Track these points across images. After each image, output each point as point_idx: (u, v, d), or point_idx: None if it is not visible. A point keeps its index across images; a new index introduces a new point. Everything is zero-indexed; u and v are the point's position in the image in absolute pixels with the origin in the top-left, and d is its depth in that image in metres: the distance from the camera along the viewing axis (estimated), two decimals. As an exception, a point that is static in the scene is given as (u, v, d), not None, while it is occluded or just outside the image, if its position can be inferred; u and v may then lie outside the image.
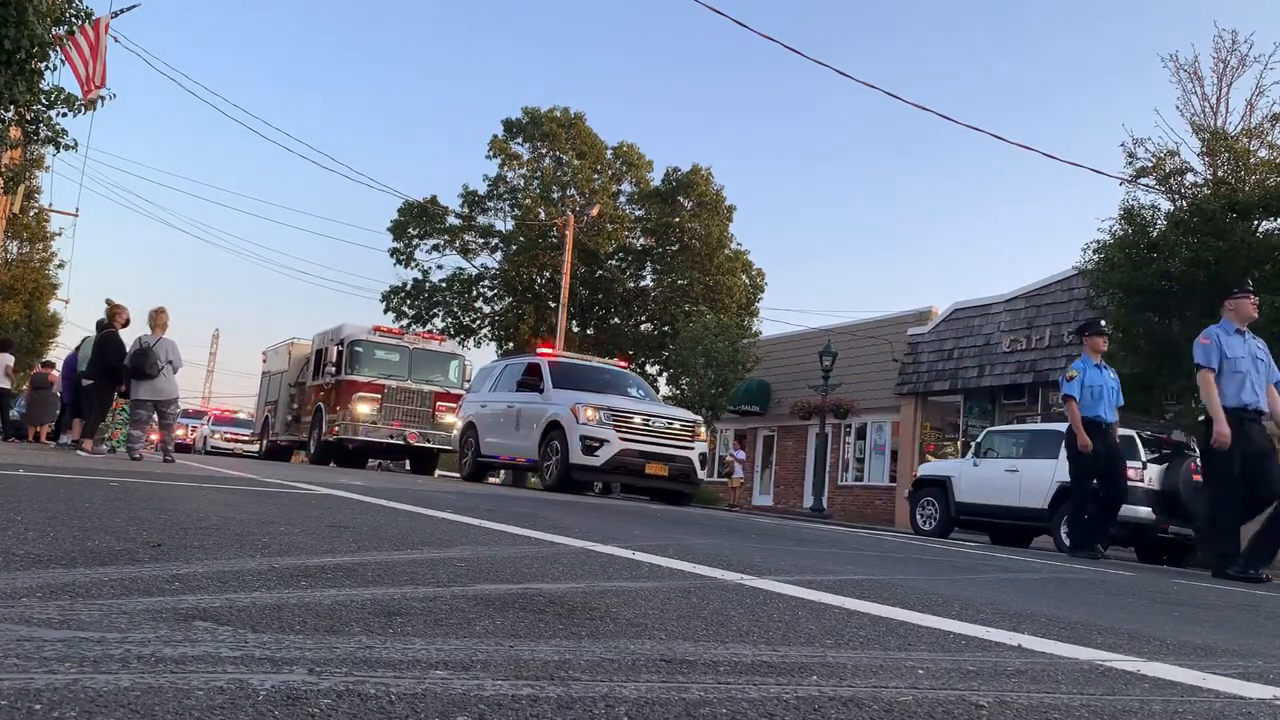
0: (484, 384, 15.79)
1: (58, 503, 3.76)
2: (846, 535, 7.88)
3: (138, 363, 10.17)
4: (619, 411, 12.64)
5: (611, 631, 1.92)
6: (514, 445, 13.82)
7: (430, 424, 19.07)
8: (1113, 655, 2.27)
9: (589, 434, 12.27)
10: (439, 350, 20.34)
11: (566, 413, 12.57)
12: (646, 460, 12.53)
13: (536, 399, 13.48)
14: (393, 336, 19.97)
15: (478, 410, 15.25)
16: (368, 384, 18.66)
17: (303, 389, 21.77)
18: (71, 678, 1.21)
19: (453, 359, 20.41)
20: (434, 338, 21.10)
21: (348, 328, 19.83)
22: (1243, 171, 15.20)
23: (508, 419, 14.10)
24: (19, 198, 25.71)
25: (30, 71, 9.53)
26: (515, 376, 14.49)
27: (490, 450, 14.50)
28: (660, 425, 12.85)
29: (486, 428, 14.67)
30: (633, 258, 37.97)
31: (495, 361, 16.98)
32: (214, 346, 75.37)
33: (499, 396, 14.72)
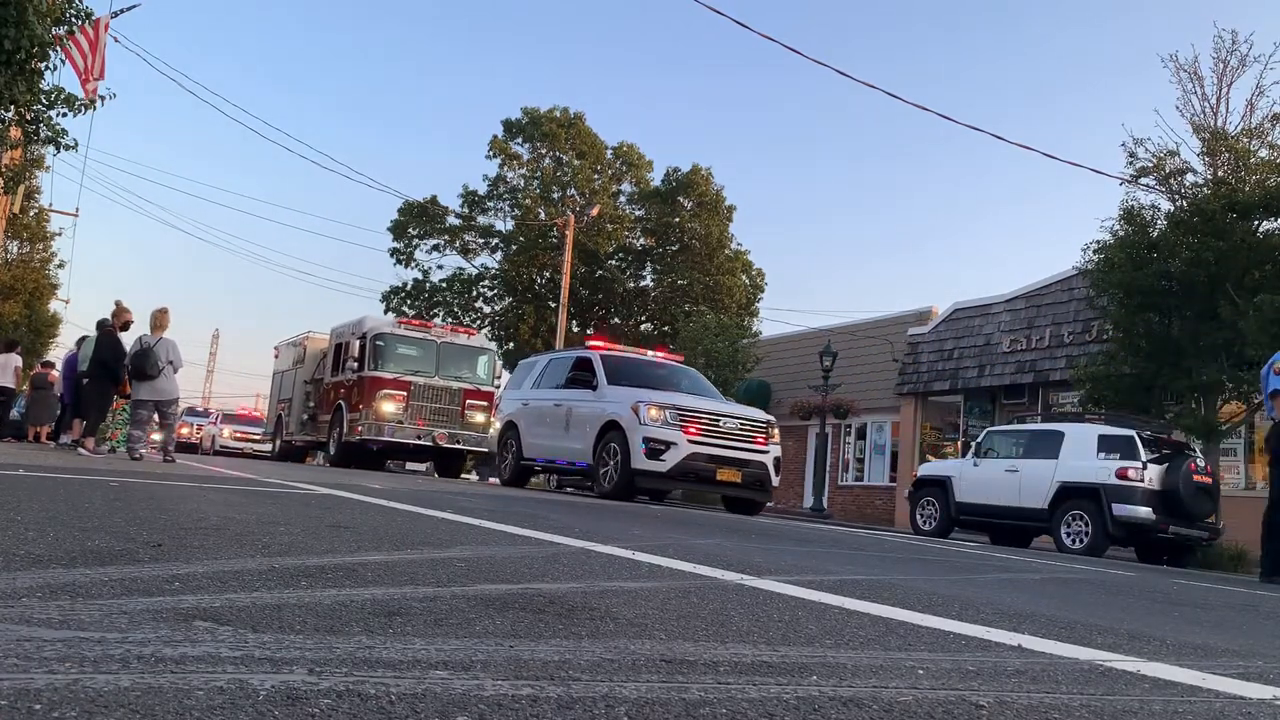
0: (525, 379, 14.44)
1: (58, 503, 3.76)
2: (846, 535, 7.88)
3: (138, 363, 10.16)
4: (686, 410, 11.39)
5: (611, 631, 1.92)
6: (563, 447, 12.57)
7: (459, 423, 17.76)
8: (1113, 655, 2.27)
9: (653, 435, 11.02)
10: (468, 344, 18.89)
11: (626, 412, 11.33)
12: (718, 465, 11.26)
13: (589, 396, 12.23)
14: (419, 329, 18.58)
15: (519, 408, 13.88)
16: (393, 380, 17.33)
17: (319, 386, 20.57)
18: (71, 678, 1.21)
19: (483, 353, 18.99)
20: (463, 330, 19.70)
21: (370, 320, 18.70)
22: (1243, 171, 15.20)
23: (555, 418, 12.82)
24: (19, 198, 25.71)
25: (30, 71, 9.53)
26: (563, 371, 13.30)
27: (534, 452, 13.25)
28: (732, 426, 11.60)
29: (530, 428, 13.38)
30: (633, 258, 37.97)
31: (537, 355, 15.63)
32: (214, 346, 75.27)
33: (544, 394, 13.43)
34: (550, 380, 13.56)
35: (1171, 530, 11.81)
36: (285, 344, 23.74)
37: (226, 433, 29.85)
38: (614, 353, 13.43)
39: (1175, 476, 11.83)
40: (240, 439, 29.43)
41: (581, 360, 13.02)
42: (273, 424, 23.77)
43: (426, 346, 18.07)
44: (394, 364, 17.53)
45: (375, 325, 18.19)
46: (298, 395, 21.60)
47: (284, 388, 22.93)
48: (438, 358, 18.02)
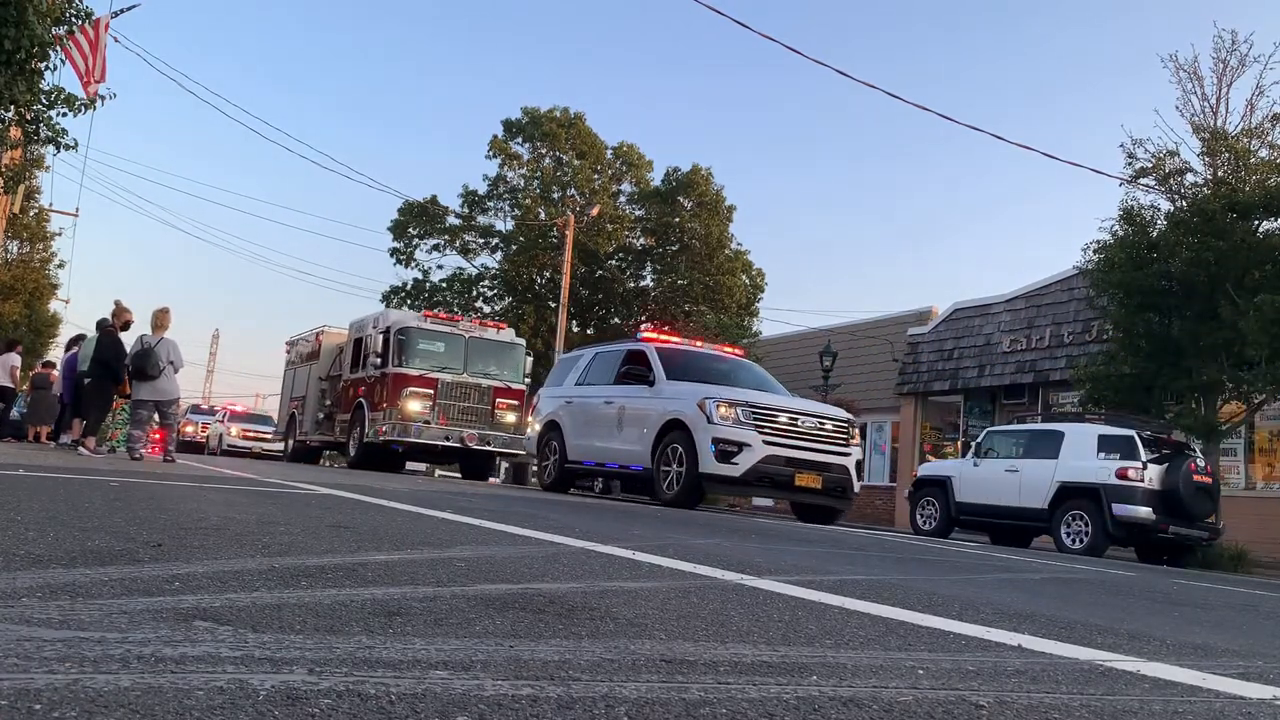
0: (567, 375, 13.34)
1: (58, 503, 3.76)
2: (846, 535, 7.88)
3: (139, 363, 10.16)
4: (761, 408, 10.30)
5: (611, 631, 1.92)
6: (615, 449, 11.49)
7: (489, 423, 16.68)
8: (1113, 655, 2.27)
9: (725, 436, 9.96)
10: (498, 339, 17.76)
11: (692, 409, 10.26)
12: (796, 469, 10.18)
13: (645, 393, 11.18)
14: (446, 323, 17.50)
15: (562, 407, 12.77)
16: (419, 377, 16.26)
17: (336, 383, 19.53)
18: (71, 678, 1.21)
19: (513, 349, 17.89)
20: (492, 325, 18.42)
21: (393, 313, 17.75)
22: (1243, 171, 15.20)
23: (605, 418, 11.74)
24: (19, 198, 25.71)
25: (30, 71, 9.53)
26: (612, 366, 12.19)
27: (580, 455, 12.17)
28: (811, 425, 10.53)
29: (575, 428, 12.31)
30: (633, 258, 37.98)
31: (580, 349, 14.50)
32: (214, 346, 75.11)
33: (591, 391, 12.38)
34: (597, 376, 12.53)
35: (1171, 530, 11.82)
36: (298, 339, 22.68)
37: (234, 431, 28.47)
38: (670, 345, 12.36)
39: (1175, 476, 11.83)
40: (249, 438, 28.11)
41: (634, 354, 11.93)
42: (284, 423, 22.68)
43: (454, 341, 17.05)
44: (419, 360, 16.51)
45: (400, 319, 17.21)
46: (312, 393, 20.50)
47: (296, 385, 21.78)
48: (466, 353, 17.02)
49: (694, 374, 11.25)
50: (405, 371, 16.29)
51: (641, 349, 11.93)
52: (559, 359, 14.67)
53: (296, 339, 22.67)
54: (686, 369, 11.44)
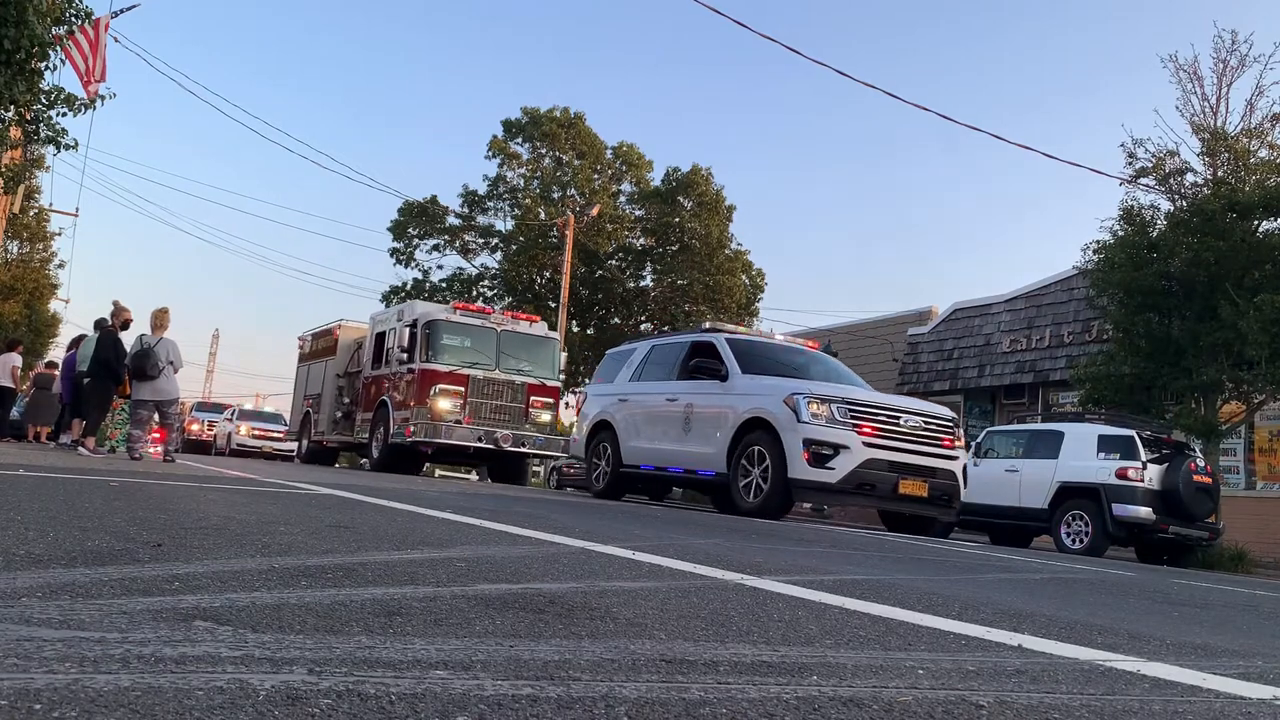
0: (619, 370, 12.23)
1: (58, 503, 3.76)
2: (847, 535, 7.88)
3: (139, 363, 10.17)
4: (858, 405, 9.23)
5: (611, 631, 1.92)
6: (682, 452, 10.42)
7: (523, 423, 15.74)
8: (1113, 655, 2.27)
9: (819, 437, 8.88)
10: (530, 333, 16.65)
11: (778, 406, 9.20)
12: (900, 475, 9.10)
13: (716, 389, 10.11)
14: (477, 315, 16.35)
15: (615, 406, 11.73)
16: (449, 374, 15.31)
17: (355, 380, 18.57)
18: (72, 678, 1.21)
19: (547, 343, 16.82)
20: (524, 317, 17.26)
21: (420, 305, 16.88)
22: (1243, 171, 15.22)
23: (669, 417, 10.68)
24: (19, 198, 25.71)
25: (30, 71, 9.54)
26: (674, 360, 11.20)
27: (638, 458, 11.16)
28: (915, 424, 9.45)
29: (632, 428, 11.31)
30: (633, 258, 37.98)
31: (633, 342, 13.24)
32: (214, 346, 74.99)
33: (650, 387, 11.32)
34: (655, 371, 11.51)
35: (1171, 530, 11.82)
36: (313, 333, 21.61)
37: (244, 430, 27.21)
38: (741, 336, 11.25)
39: (1175, 476, 11.83)
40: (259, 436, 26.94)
41: (701, 346, 10.85)
42: (298, 422, 21.60)
43: (485, 335, 15.99)
44: (449, 355, 15.54)
45: (428, 311, 16.27)
46: (328, 391, 19.50)
47: (311, 382, 20.74)
48: (498, 348, 15.96)
49: (769, 367, 10.23)
50: (434, 367, 15.35)
51: (710, 340, 10.82)
52: (607, 354, 13.42)
53: (311, 333, 21.77)
54: (760, 362, 10.35)
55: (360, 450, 19.28)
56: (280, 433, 26.32)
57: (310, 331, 21.81)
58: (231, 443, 26.73)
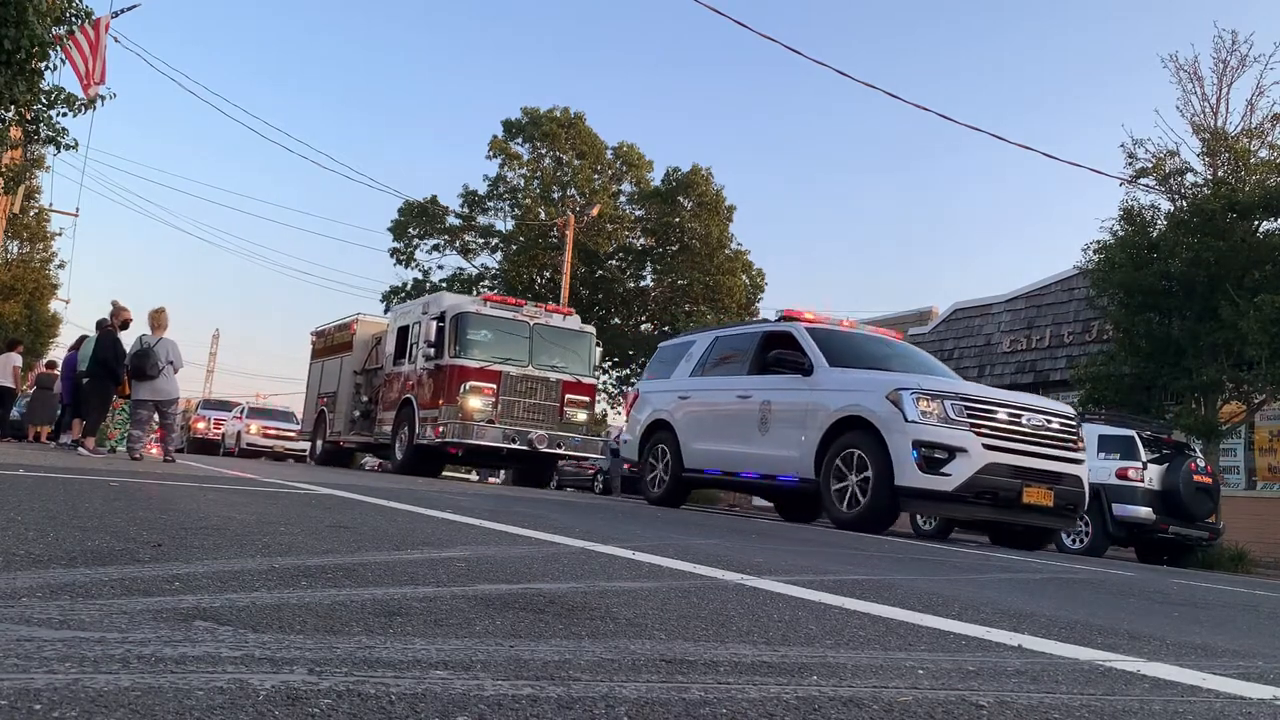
0: (677, 365, 11.25)
1: (58, 503, 3.76)
2: (846, 535, 7.88)
3: (138, 363, 10.17)
4: (975, 401, 8.18)
5: (611, 631, 1.92)
6: (758, 455, 9.45)
7: (557, 423, 14.92)
8: (1113, 655, 2.27)
9: (931, 438, 7.87)
10: (564, 326, 15.75)
11: (879, 403, 8.20)
12: (1024, 481, 8.04)
13: (798, 383, 9.13)
14: (509, 308, 15.42)
15: (674, 403, 10.83)
16: (480, 370, 14.42)
17: (374, 377, 17.76)
18: (72, 678, 1.21)
19: (582, 337, 15.88)
20: (558, 310, 16.29)
21: (448, 297, 15.89)
22: (1243, 171, 15.23)
23: (741, 416, 9.72)
24: (19, 198, 25.71)
25: (30, 71, 9.54)
26: (744, 352, 10.25)
27: (703, 462, 10.23)
28: (1037, 423, 8.37)
29: (694, 429, 10.40)
30: (633, 258, 37.98)
31: (690, 334, 12.25)
32: (214, 346, 74.95)
33: (716, 382, 10.42)
34: (723, 365, 10.54)
35: (1171, 530, 11.82)
36: (327, 329, 20.71)
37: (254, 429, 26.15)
38: (822, 325, 10.10)
39: (1175, 476, 11.84)
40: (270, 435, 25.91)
41: (777, 336, 9.88)
42: (311, 422, 20.61)
43: (517, 329, 15.09)
44: (479, 350, 14.68)
45: (456, 303, 15.30)
46: (345, 388, 18.66)
47: (326, 379, 19.83)
48: (531, 343, 15.09)
49: (856, 359, 9.28)
50: (464, 363, 14.46)
51: (788, 330, 9.83)
52: (660, 348, 12.49)
53: (325, 329, 20.91)
54: (847, 353, 9.36)
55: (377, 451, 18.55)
56: (292, 432, 25.32)
57: (324, 327, 21.01)
58: (241, 442, 25.81)
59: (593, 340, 16.04)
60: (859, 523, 8.17)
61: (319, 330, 21.21)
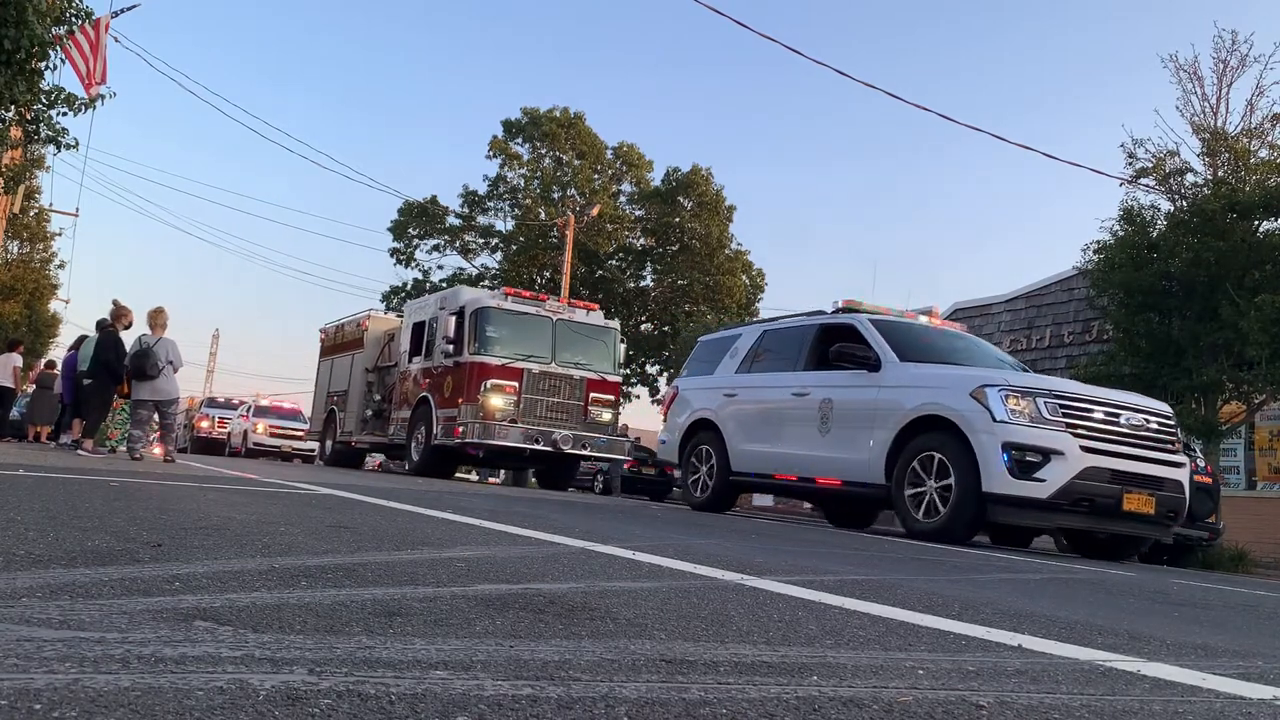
0: (720, 360, 10.63)
1: (58, 503, 3.76)
2: (847, 535, 7.88)
3: (138, 363, 10.17)
4: (1069, 399, 7.51)
5: (611, 631, 1.92)
6: (818, 457, 8.77)
7: (581, 422, 14.42)
8: (1113, 655, 2.27)
9: (1024, 439, 7.19)
10: (588, 321, 15.17)
11: (961, 400, 7.51)
12: (1125, 487, 7.41)
13: (864, 380, 8.46)
14: (531, 303, 14.84)
15: (719, 402, 10.19)
16: (501, 368, 13.89)
17: (387, 375, 17.33)
18: (71, 678, 1.21)
19: (607, 333, 15.30)
20: (581, 304, 15.75)
21: (467, 291, 15.36)
22: (1243, 171, 15.24)
23: (799, 415, 9.05)
24: (19, 198, 25.71)
25: (30, 71, 9.54)
26: (799, 346, 9.56)
27: (754, 465, 9.61)
28: (1135, 423, 7.70)
29: (744, 429, 9.78)
30: (633, 258, 37.99)
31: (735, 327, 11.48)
32: (214, 346, 74.97)
33: (768, 378, 9.75)
34: (774, 360, 9.86)
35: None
36: (337, 326, 20.16)
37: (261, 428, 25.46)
38: (886, 317, 9.36)
39: (1175, 476, 11.79)
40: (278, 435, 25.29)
41: (837, 329, 9.17)
42: (320, 421, 20.04)
43: (540, 324, 14.56)
44: (501, 346, 14.12)
45: (476, 297, 14.79)
46: (356, 387, 18.11)
47: (336, 378, 19.31)
48: (554, 339, 14.56)
49: (927, 354, 8.61)
50: (485, 360, 13.90)
51: (849, 322, 9.10)
52: (700, 342, 11.81)
53: (335, 325, 20.39)
54: (916, 347, 8.66)
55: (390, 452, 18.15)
56: (301, 431, 24.71)
57: (334, 323, 20.47)
58: (248, 441, 25.13)
59: (617, 336, 15.53)
60: (940, 533, 7.48)
61: (328, 327, 20.69)
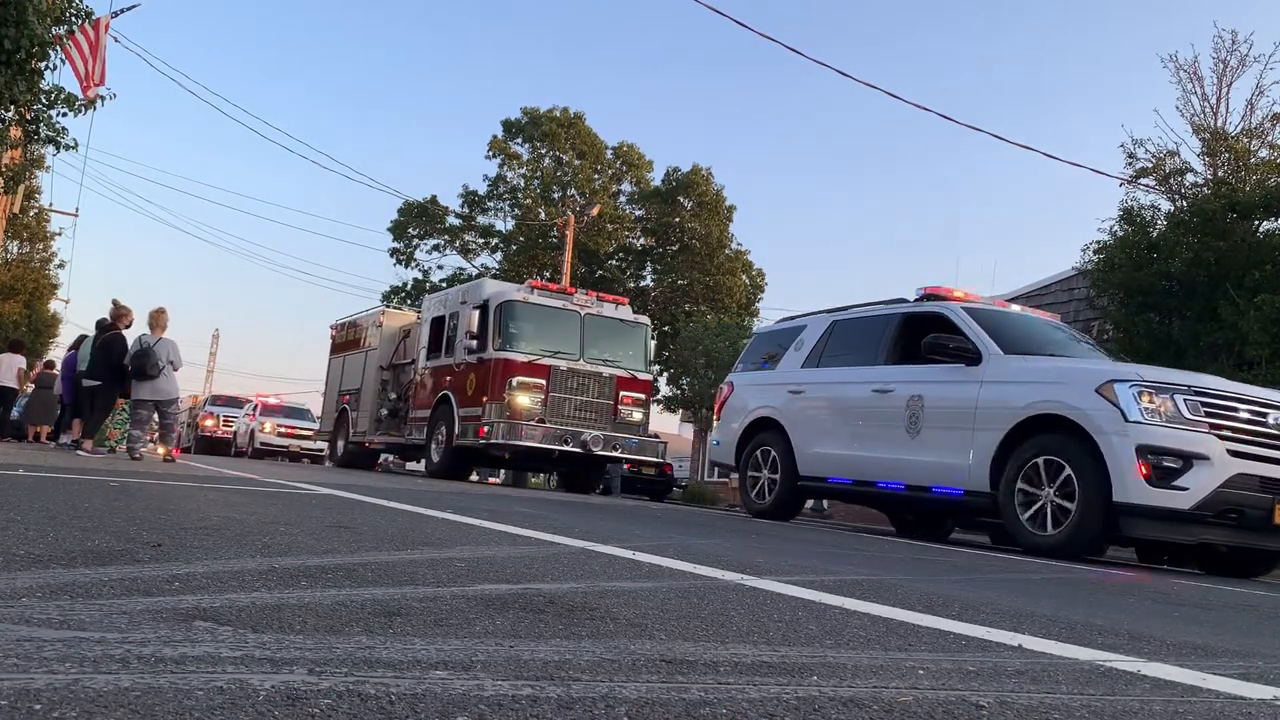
0: (784, 354, 9.74)
1: (58, 503, 3.76)
2: (847, 536, 7.88)
3: (139, 363, 10.18)
4: (1212, 396, 6.64)
5: (611, 631, 1.92)
6: (906, 461, 7.95)
7: (611, 422, 13.73)
8: (1113, 655, 2.27)
9: (1162, 442, 6.41)
10: (618, 317, 14.46)
11: (1085, 398, 6.70)
12: (1276, 496, 6.52)
13: (963, 375, 7.59)
14: (558, 296, 14.17)
15: (784, 399, 9.35)
16: (527, 365, 13.23)
17: (402, 373, 16.73)
18: (72, 678, 1.21)
19: (636, 329, 14.60)
20: (610, 298, 14.97)
21: (491, 284, 14.81)
22: (1243, 171, 15.24)
23: (883, 413, 8.23)
24: (19, 198, 25.71)
25: (30, 71, 9.54)
26: (878, 338, 8.74)
27: (827, 468, 8.81)
28: None
29: (815, 429, 8.96)
30: (633, 258, 37.98)
31: (799, 317, 10.30)
32: (214, 346, 74.89)
33: (843, 373, 8.89)
34: (847, 354, 9.02)
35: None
36: (350, 322, 19.49)
37: (268, 427, 24.55)
38: (976, 304, 8.49)
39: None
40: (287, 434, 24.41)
41: (925, 319, 8.35)
42: (331, 421, 19.39)
43: (567, 319, 13.85)
44: (527, 342, 13.47)
45: (500, 291, 14.12)
46: (369, 385, 17.44)
47: (348, 376, 18.64)
48: (582, 334, 13.87)
49: (1029, 345, 7.78)
50: (510, 356, 13.22)
51: (939, 311, 8.24)
52: (757, 334, 10.98)
53: (346, 321, 19.72)
54: (1020, 339, 7.85)
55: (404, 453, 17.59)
56: (310, 431, 23.92)
57: (346, 319, 19.82)
58: (255, 441, 24.32)
59: (648, 332, 14.88)
60: (1063, 548, 6.75)
61: (340, 323, 20.09)
